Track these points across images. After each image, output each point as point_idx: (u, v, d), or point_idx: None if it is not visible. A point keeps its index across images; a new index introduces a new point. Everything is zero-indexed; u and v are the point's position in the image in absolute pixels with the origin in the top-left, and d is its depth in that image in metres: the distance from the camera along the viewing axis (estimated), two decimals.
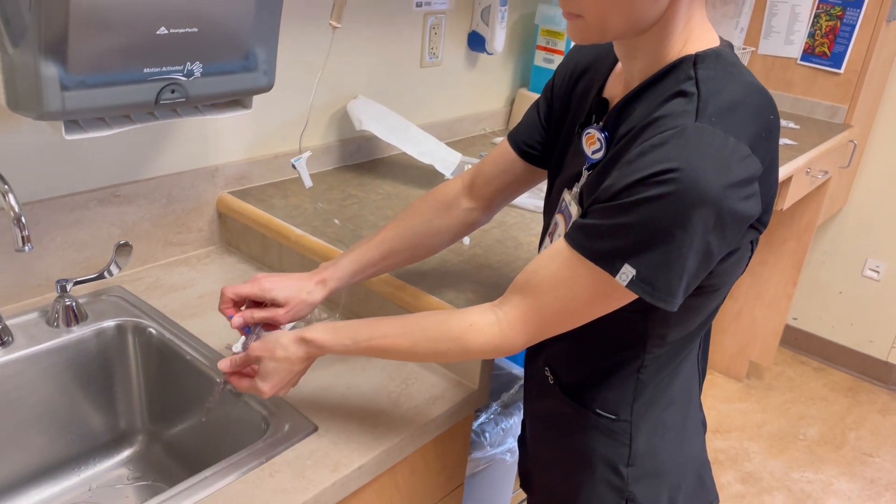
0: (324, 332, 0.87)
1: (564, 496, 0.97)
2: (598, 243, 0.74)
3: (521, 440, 1.12)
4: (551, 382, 0.95)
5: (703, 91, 0.74)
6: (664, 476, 0.92)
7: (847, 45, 2.37)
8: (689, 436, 0.96)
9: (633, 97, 0.81)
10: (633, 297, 0.76)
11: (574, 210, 0.86)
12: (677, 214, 0.69)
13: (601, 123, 0.85)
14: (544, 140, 1.00)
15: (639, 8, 0.74)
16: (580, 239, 0.76)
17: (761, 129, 0.74)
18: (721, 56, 0.78)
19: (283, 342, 0.88)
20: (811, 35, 2.43)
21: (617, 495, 0.92)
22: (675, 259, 0.72)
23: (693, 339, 0.90)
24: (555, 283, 0.78)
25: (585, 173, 0.86)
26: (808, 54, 2.45)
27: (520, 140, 1.02)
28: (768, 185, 0.77)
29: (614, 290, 0.75)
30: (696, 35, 0.78)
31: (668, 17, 0.76)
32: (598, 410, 0.91)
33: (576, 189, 0.87)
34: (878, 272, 2.83)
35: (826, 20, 2.39)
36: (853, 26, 2.34)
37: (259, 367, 0.88)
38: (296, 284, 0.97)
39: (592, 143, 0.85)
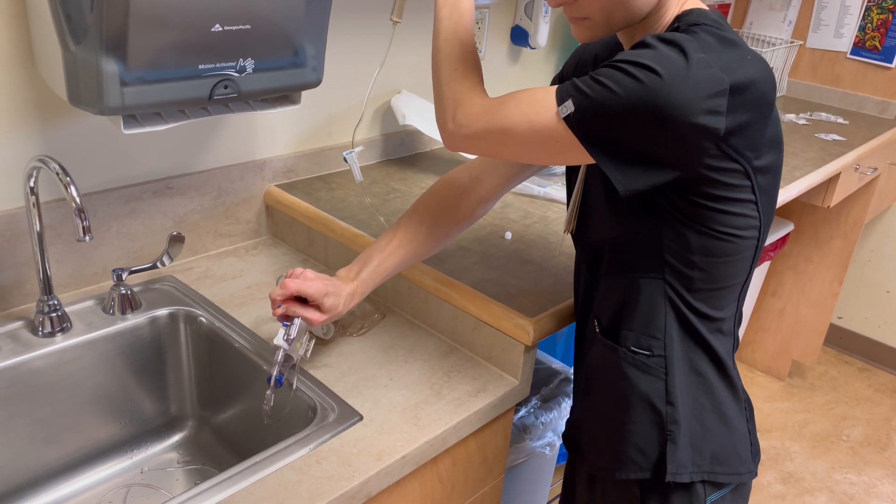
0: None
1: (611, 439, 0.99)
2: (564, 85, 0.83)
3: (572, 409, 1.14)
4: (597, 331, 0.99)
5: (682, 23, 0.84)
6: (697, 428, 0.94)
7: None
8: (735, 398, 0.97)
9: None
10: (569, 141, 0.81)
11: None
12: (635, 81, 0.76)
13: None
14: None
15: (638, 2, 0.84)
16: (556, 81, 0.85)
17: (736, 54, 0.80)
18: (706, 12, 0.85)
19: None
20: (862, 28, 2.37)
21: (659, 432, 0.94)
22: (616, 113, 0.77)
23: (715, 295, 0.91)
24: (518, 98, 0.86)
25: None
26: (859, 48, 2.39)
27: None
28: (747, 111, 0.80)
29: (554, 124, 0.82)
30: (686, 5, 0.87)
31: (661, 4, 0.86)
32: (632, 348, 0.95)
33: None
34: None
35: (877, 13, 2.33)
36: None
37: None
38: (343, 300, 1.01)
39: None
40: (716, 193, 0.83)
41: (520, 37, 1.81)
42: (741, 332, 2.66)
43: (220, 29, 0.97)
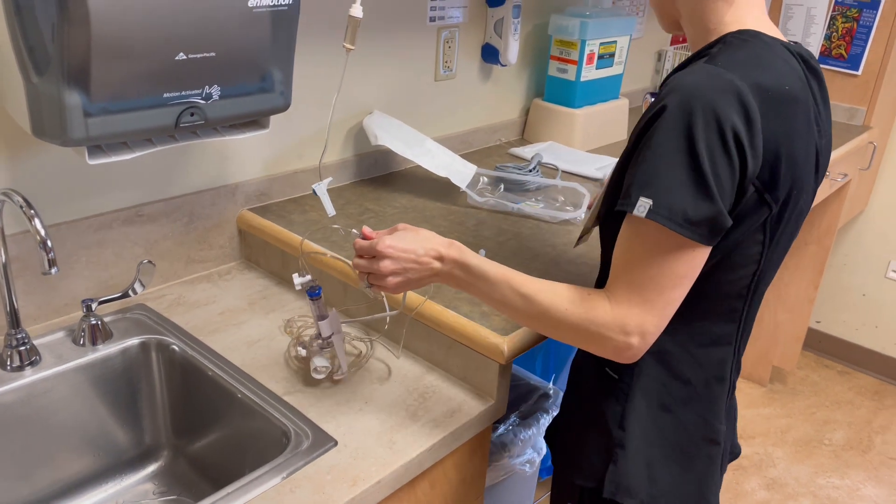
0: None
1: (570, 442, 1.04)
2: (623, 193, 0.82)
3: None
4: None
5: (724, 49, 0.84)
6: (657, 459, 0.95)
7: (864, 47, 2.35)
8: (704, 442, 0.96)
9: (680, 69, 0.89)
10: (685, 241, 0.79)
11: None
12: (675, 135, 0.77)
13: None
14: None
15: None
16: (620, 201, 0.83)
17: (769, 86, 0.81)
18: (754, 34, 0.86)
19: (430, 233, 0.92)
20: (827, 37, 2.41)
21: (606, 454, 0.96)
22: (685, 180, 0.77)
23: (703, 322, 0.92)
24: (622, 253, 0.84)
25: None
26: (825, 56, 2.44)
27: None
28: (777, 154, 0.81)
29: (656, 232, 0.80)
30: (739, 18, 0.88)
31: (690, 5, 0.90)
32: (607, 368, 0.97)
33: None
34: None
35: (842, 22, 2.37)
36: (870, 28, 2.32)
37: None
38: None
39: (646, 106, 0.95)
40: None
41: (490, 54, 1.82)
42: None
43: (185, 57, 0.97)
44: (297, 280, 1.02)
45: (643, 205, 0.78)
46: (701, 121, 0.76)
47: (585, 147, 1.97)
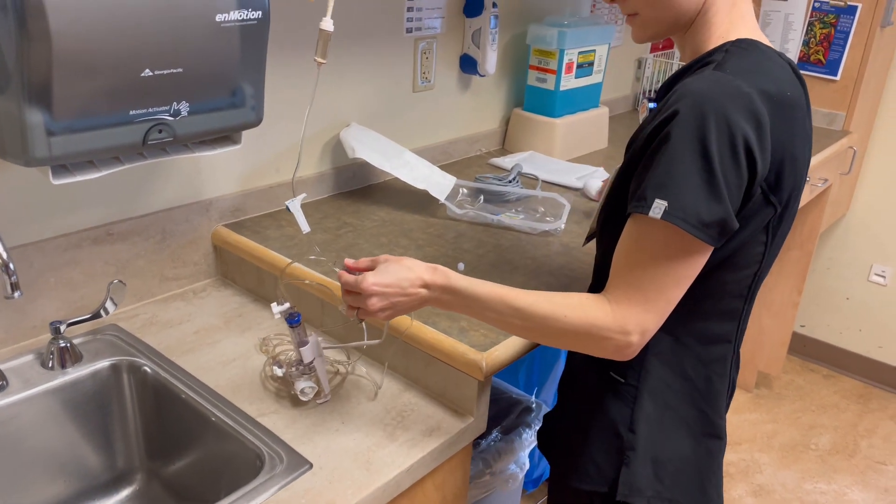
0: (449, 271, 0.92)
1: (573, 448, 1.03)
2: (635, 195, 0.83)
3: (549, 413, 1.16)
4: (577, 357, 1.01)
5: (727, 57, 0.85)
6: (661, 455, 0.96)
7: (842, 52, 2.36)
8: (704, 435, 0.98)
9: (678, 75, 0.91)
10: (694, 242, 0.80)
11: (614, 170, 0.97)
12: (688, 139, 0.79)
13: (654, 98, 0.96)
14: None
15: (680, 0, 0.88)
16: (629, 203, 0.84)
17: (774, 92, 0.83)
18: (754, 43, 0.88)
19: (412, 261, 0.91)
20: (806, 43, 2.42)
21: (616, 454, 0.96)
22: (698, 182, 0.78)
23: (705, 321, 0.93)
24: (627, 253, 0.85)
25: None
26: (804, 62, 2.44)
27: None
28: (782, 154, 0.83)
29: (667, 232, 0.81)
30: (736, 29, 0.89)
31: (707, 10, 0.89)
32: (610, 372, 0.97)
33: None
34: (884, 277, 2.81)
35: (820, 28, 2.38)
36: (847, 33, 2.33)
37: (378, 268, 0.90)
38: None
39: (643, 112, 0.98)
40: None
41: (469, 65, 1.81)
42: None
43: (151, 73, 0.95)
44: (276, 309, 1.00)
45: (658, 206, 0.79)
46: (714, 126, 0.78)
47: (566, 156, 1.96)
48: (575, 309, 0.86)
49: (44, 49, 0.85)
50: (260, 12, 1.04)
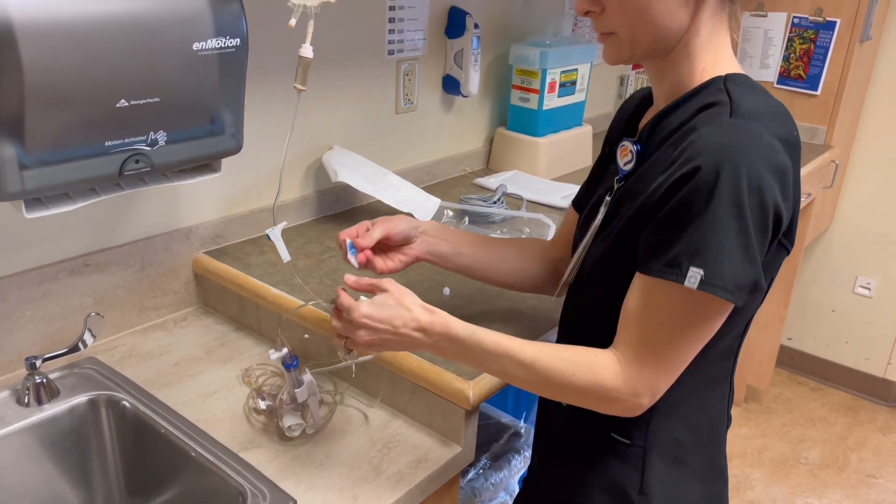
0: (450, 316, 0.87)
1: None
2: (661, 258, 0.77)
3: (529, 477, 1.11)
4: (565, 405, 0.95)
5: (735, 99, 0.80)
6: None
7: (822, 68, 2.38)
8: (712, 480, 0.95)
9: (666, 113, 0.86)
10: (722, 302, 0.77)
11: (600, 217, 0.91)
12: (724, 202, 0.73)
13: (635, 137, 0.89)
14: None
15: (660, 18, 0.81)
16: (646, 261, 0.79)
17: (787, 136, 0.79)
18: (749, 79, 0.84)
19: (412, 300, 0.87)
20: (786, 58, 2.44)
21: None
22: (734, 246, 0.74)
23: (706, 366, 0.88)
24: (645, 314, 0.80)
25: (616, 185, 0.90)
26: (785, 77, 2.46)
27: (577, 199, 1.09)
28: (795, 200, 0.80)
29: (698, 300, 0.76)
30: (720, 62, 0.84)
31: (690, 38, 0.83)
32: (612, 434, 0.91)
33: (607, 198, 0.91)
34: (869, 289, 2.82)
35: (800, 43, 2.40)
36: (826, 48, 2.35)
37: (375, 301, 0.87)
38: (411, 224, 1.06)
39: (625, 155, 0.89)
40: None
41: (451, 85, 1.81)
42: None
43: (127, 104, 0.93)
44: (274, 356, 0.98)
45: (694, 275, 0.75)
46: (746, 187, 0.73)
47: (550, 175, 1.96)
48: (583, 367, 0.81)
49: (15, 82, 0.83)
50: (238, 39, 1.02)
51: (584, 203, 1.05)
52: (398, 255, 1.07)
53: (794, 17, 2.39)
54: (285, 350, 0.99)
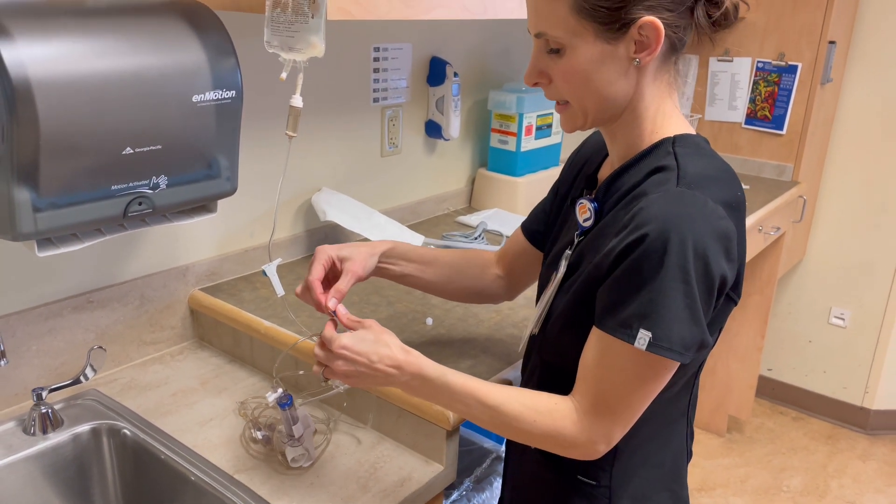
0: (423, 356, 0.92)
1: None
2: (615, 317, 0.82)
3: None
4: (533, 448, 0.99)
5: (682, 164, 0.85)
6: None
7: (786, 108, 2.51)
8: None
9: (620, 173, 0.91)
10: (669, 363, 0.82)
11: (562, 270, 0.96)
12: (671, 268, 0.78)
13: (592, 195, 0.96)
14: (549, 224, 1.11)
15: (604, 88, 0.86)
16: (601, 317, 0.84)
17: (731, 200, 0.85)
18: (696, 140, 0.90)
19: (391, 339, 0.92)
20: (752, 100, 2.57)
21: None
22: (681, 310, 0.79)
23: (663, 409, 0.93)
24: (600, 368, 0.85)
25: (577, 240, 0.96)
26: (752, 118, 2.59)
27: (528, 225, 1.17)
28: (739, 257, 0.86)
29: (647, 359, 0.82)
30: (668, 123, 0.90)
31: (636, 104, 0.88)
32: (579, 476, 0.96)
33: (568, 251, 0.97)
34: (843, 319, 2.91)
35: (764, 86, 2.54)
36: (790, 91, 2.48)
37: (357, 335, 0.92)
38: (365, 251, 1.09)
39: (584, 212, 0.95)
40: None
41: (434, 130, 1.91)
42: None
43: (132, 151, 1.02)
44: (271, 397, 1.05)
45: (643, 337, 0.80)
46: (691, 255, 0.78)
47: (528, 212, 2.05)
48: (543, 415, 0.86)
49: (32, 132, 0.91)
50: (234, 92, 1.12)
51: (535, 231, 1.14)
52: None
53: (759, 61, 2.53)
54: (280, 391, 1.06)
